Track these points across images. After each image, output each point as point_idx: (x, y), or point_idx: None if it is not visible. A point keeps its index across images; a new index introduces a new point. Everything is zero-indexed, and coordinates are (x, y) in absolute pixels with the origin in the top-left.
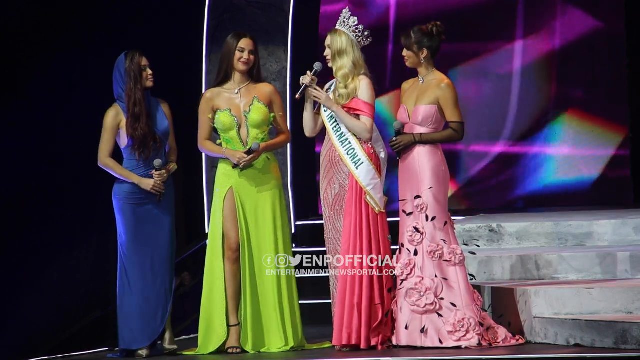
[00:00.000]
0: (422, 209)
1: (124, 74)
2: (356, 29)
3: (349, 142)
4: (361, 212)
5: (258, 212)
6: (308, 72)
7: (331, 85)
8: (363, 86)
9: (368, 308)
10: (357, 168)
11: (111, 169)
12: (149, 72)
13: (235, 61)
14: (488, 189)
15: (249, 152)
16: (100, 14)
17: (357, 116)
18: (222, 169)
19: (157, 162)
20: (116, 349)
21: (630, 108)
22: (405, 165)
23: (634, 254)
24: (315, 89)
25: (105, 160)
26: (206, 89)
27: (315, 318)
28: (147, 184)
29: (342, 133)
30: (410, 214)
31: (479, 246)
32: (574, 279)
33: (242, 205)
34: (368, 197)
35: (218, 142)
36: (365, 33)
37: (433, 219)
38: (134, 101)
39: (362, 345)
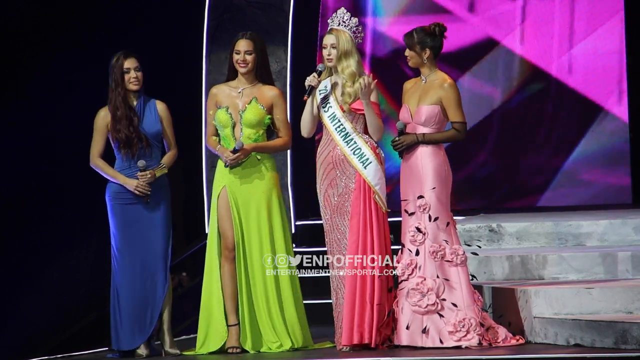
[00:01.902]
0: (424, 209)
1: (109, 75)
2: (356, 29)
3: (355, 142)
4: (370, 212)
5: (253, 211)
6: (314, 74)
7: (326, 86)
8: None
9: (378, 307)
10: (365, 168)
11: (100, 169)
12: (133, 74)
13: (234, 63)
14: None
15: (233, 151)
16: (100, 14)
17: (364, 117)
18: (219, 167)
19: (141, 162)
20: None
21: (630, 108)
22: (407, 166)
23: (634, 254)
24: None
25: (95, 161)
26: (207, 88)
27: (315, 318)
28: (131, 184)
29: (347, 133)
30: (413, 214)
31: (480, 247)
32: (574, 279)
33: (236, 204)
34: (377, 196)
35: (216, 138)
36: (362, 34)
37: (436, 219)
38: (114, 104)
39: (373, 344)
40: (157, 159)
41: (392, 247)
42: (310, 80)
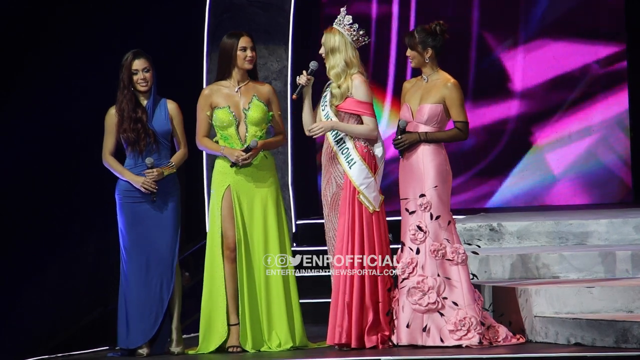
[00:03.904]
0: (426, 207)
1: (119, 74)
2: (350, 27)
3: (344, 142)
4: (354, 212)
5: (256, 211)
6: (304, 72)
7: (329, 84)
8: (356, 84)
9: (359, 308)
10: (350, 168)
11: (110, 167)
12: (141, 76)
13: (240, 61)
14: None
15: (247, 150)
16: (101, 14)
17: (358, 117)
18: (219, 167)
19: (149, 160)
20: (117, 347)
21: (630, 107)
22: (408, 164)
23: (635, 253)
24: (319, 129)
25: (106, 159)
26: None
27: (315, 317)
28: (137, 181)
29: (337, 132)
30: (413, 212)
31: (479, 246)
32: (575, 278)
33: (239, 204)
34: (361, 196)
35: (215, 139)
36: (361, 32)
37: (437, 217)
38: (121, 104)
39: (353, 344)
40: (167, 158)
41: (391, 246)
42: (299, 78)
